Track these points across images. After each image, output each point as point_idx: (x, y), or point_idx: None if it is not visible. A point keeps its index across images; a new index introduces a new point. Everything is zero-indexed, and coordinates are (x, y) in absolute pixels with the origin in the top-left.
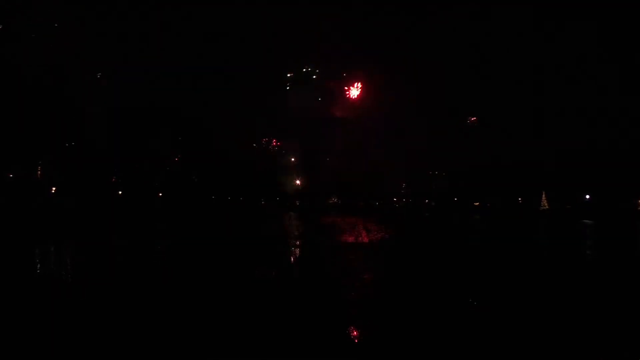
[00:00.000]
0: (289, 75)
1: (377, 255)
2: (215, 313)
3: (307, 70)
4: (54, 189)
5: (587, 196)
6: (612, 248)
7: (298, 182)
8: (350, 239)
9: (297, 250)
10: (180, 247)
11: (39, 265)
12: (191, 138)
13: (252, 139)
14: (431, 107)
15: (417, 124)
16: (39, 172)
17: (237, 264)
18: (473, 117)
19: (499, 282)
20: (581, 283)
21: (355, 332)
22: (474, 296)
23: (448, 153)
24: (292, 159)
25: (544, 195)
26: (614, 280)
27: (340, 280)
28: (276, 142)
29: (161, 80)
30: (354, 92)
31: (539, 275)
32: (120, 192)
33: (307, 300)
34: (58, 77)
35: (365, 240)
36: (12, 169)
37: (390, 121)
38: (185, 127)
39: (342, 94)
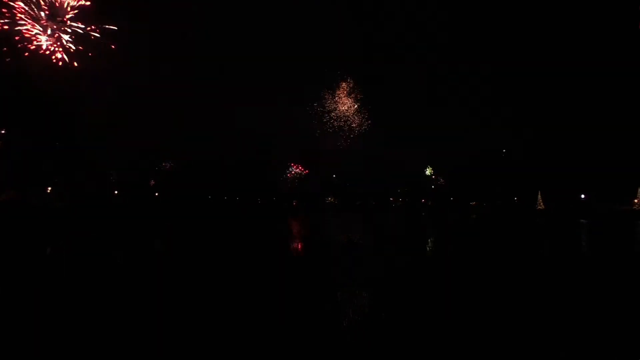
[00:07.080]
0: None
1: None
2: None
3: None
4: (49, 189)
5: (583, 196)
6: (608, 246)
7: (295, 182)
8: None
9: None
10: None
11: (34, 265)
12: (188, 138)
13: (249, 140)
14: (425, 107)
15: (413, 124)
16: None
17: None
18: (469, 115)
19: (494, 282)
20: (580, 282)
21: None
22: (472, 295)
23: (444, 153)
24: (289, 161)
25: (539, 195)
26: (612, 278)
27: None
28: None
29: (163, 78)
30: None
31: (536, 274)
32: (116, 192)
33: None
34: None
35: None
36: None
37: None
38: (181, 127)
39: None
